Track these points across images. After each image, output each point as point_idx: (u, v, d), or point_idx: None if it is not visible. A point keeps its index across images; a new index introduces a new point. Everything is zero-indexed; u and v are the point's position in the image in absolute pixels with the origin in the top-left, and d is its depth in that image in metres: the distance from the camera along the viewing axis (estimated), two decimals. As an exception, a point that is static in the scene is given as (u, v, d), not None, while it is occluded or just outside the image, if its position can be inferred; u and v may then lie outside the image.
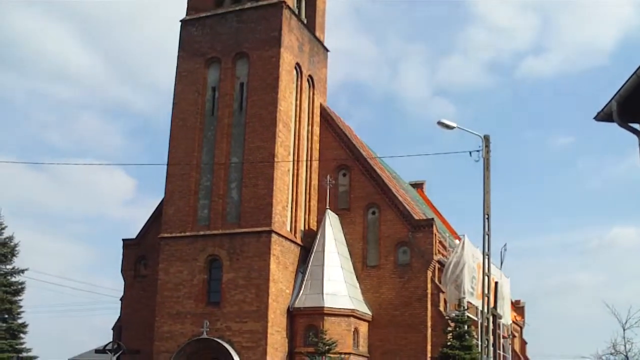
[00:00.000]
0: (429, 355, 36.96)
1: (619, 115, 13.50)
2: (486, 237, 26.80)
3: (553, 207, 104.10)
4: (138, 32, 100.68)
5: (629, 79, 12.88)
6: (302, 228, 39.51)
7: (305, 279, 37.69)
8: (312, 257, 38.24)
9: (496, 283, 31.37)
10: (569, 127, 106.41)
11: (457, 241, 43.69)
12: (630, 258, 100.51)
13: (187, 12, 41.09)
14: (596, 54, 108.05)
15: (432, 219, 40.83)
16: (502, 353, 42.16)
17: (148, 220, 42.42)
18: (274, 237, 36.16)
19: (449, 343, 32.98)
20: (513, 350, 51.64)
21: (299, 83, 40.51)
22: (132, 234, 43.25)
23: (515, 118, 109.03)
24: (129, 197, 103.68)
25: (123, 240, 43.02)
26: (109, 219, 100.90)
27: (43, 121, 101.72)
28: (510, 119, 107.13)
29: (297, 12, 41.33)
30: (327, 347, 32.98)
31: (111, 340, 39.42)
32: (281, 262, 36.63)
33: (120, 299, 42.69)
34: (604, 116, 13.92)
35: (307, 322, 36.77)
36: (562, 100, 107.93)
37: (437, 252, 38.85)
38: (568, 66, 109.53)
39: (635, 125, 13.79)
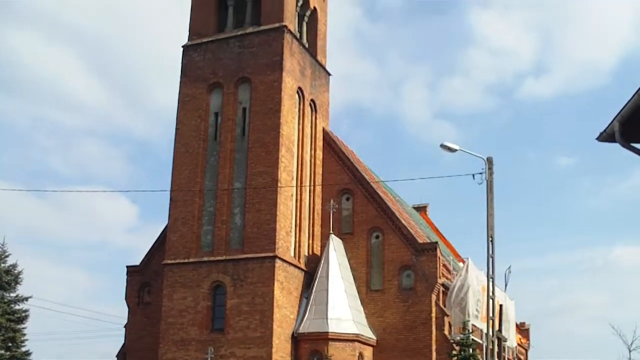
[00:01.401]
0: (434, 379, 36.80)
1: (621, 135, 13.46)
2: (490, 259, 26.70)
3: (556, 227, 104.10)
4: (141, 57, 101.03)
5: (631, 98, 12.83)
6: (306, 253, 39.40)
7: (309, 304, 37.55)
8: (316, 282, 38.12)
9: (501, 306, 31.27)
10: (571, 147, 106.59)
11: (461, 264, 43.56)
12: (634, 277, 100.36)
13: (189, 38, 41.18)
14: (597, 74, 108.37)
15: (436, 242, 40.74)
16: (508, 376, 41.94)
17: (152, 247, 42.32)
18: (278, 262, 36.07)
19: (454, 367, 32.84)
20: (519, 374, 51.35)
21: (301, 107, 40.54)
22: (136, 260, 43.21)
23: (517, 139, 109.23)
24: (133, 224, 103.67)
25: (127, 267, 42.92)
26: (112, 246, 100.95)
27: (46, 147, 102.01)
28: (512, 140, 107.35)
29: (298, 36, 41.42)
30: (332, 372, 32.85)
31: (115, 367, 39.29)
32: (285, 287, 36.51)
33: (125, 326, 42.53)
34: (606, 137, 13.87)
35: (311, 347, 36.59)
36: (564, 120, 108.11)
37: (441, 275, 38.71)
38: (569, 86, 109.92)
39: (638, 145, 13.75)
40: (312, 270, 38.79)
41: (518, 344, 51.80)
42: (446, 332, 37.85)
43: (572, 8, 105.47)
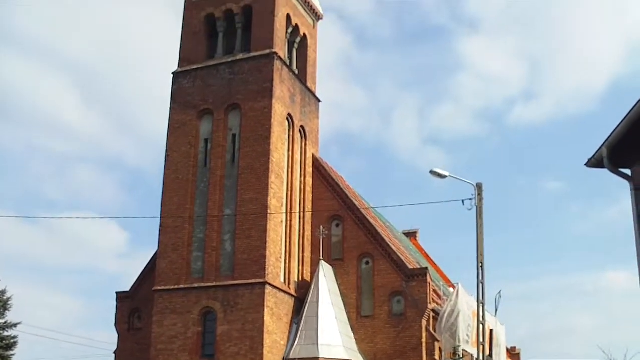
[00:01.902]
0: (425, 405, 36.77)
1: (609, 161, 13.60)
2: (480, 285, 26.81)
3: (546, 252, 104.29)
4: (133, 85, 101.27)
5: (619, 125, 13.00)
6: (296, 279, 39.43)
7: (299, 329, 37.51)
8: (306, 308, 38.09)
9: (491, 331, 31.35)
10: (560, 173, 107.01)
11: (451, 289, 43.63)
12: (625, 301, 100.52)
13: (179, 64, 41.36)
14: (585, 100, 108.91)
15: (426, 268, 40.82)
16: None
17: (142, 273, 42.30)
18: (268, 288, 36.07)
19: (445, 392, 32.85)
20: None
21: (291, 134, 40.68)
22: (126, 286, 43.14)
23: (507, 164, 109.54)
24: (123, 250, 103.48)
25: (117, 293, 42.83)
26: (102, 272, 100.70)
27: (39, 174, 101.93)
28: (501, 165, 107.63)
29: (288, 63, 41.65)
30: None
31: (105, 394, 39.20)
32: (275, 313, 36.51)
33: (114, 352, 42.38)
34: (595, 162, 14.03)
35: (302, 373, 36.56)
36: (553, 145, 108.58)
37: (431, 301, 38.76)
38: (558, 112, 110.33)
39: (626, 171, 13.89)
40: (302, 296, 38.80)
41: (508, 370, 51.74)
42: (437, 358, 37.83)
43: (560, 34, 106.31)
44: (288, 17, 41.94)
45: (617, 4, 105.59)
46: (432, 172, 27.67)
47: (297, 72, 42.56)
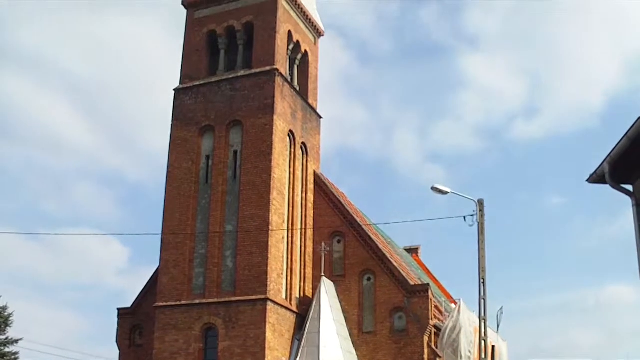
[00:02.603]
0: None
1: (611, 177, 13.64)
2: (482, 301, 26.81)
3: (548, 268, 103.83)
4: (133, 101, 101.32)
5: (620, 141, 13.04)
6: (298, 295, 39.41)
7: (301, 346, 37.46)
8: (308, 324, 38.05)
9: (493, 347, 31.32)
10: (561, 188, 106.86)
11: (453, 305, 43.57)
12: (627, 316, 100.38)
13: (180, 81, 41.46)
14: (585, 116, 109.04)
15: (428, 284, 40.80)
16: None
17: (143, 289, 42.26)
18: (270, 305, 36.05)
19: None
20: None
21: (293, 150, 40.74)
22: (127, 302, 43.15)
23: (508, 180, 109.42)
24: (124, 266, 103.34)
25: (118, 309, 42.77)
26: (103, 288, 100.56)
27: (38, 190, 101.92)
28: (502, 181, 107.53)
29: (289, 79, 41.72)
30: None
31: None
32: (277, 330, 36.47)
33: (115, 369, 42.35)
34: (597, 178, 14.08)
35: (304, 390, 36.49)
36: (554, 161, 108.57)
37: (433, 317, 38.71)
38: (559, 128, 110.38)
39: (628, 187, 13.93)
40: (303, 312, 38.76)
41: (510, 386, 51.62)
42: (438, 374, 37.80)
43: (560, 50, 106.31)
44: (289, 33, 42.06)
45: (615, 20, 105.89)
46: (434, 189, 27.76)
47: (298, 88, 42.65)
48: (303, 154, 41.91)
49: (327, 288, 39.32)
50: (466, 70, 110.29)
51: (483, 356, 27.09)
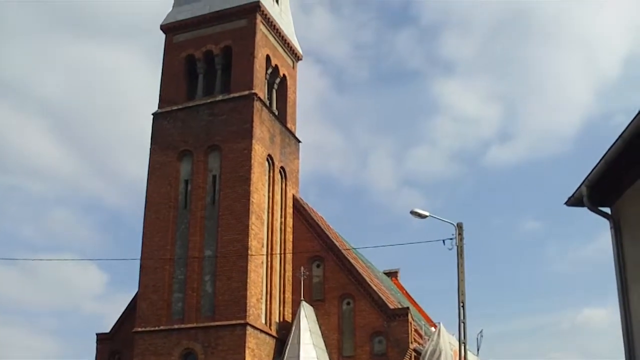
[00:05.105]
0: None
1: (589, 199, 13.73)
2: (462, 324, 26.83)
3: (525, 291, 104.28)
4: (111, 126, 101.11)
5: (597, 164, 13.13)
6: (277, 320, 39.32)
7: (281, 371, 37.38)
8: (287, 349, 37.94)
9: (473, 371, 31.25)
10: (537, 212, 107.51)
11: (433, 329, 43.54)
12: (601, 339, 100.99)
13: (159, 105, 41.43)
14: (559, 141, 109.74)
15: (407, 307, 40.77)
16: None
17: (122, 315, 42.05)
18: (249, 330, 35.94)
19: None
20: None
21: (271, 175, 40.74)
22: (105, 328, 42.87)
23: (484, 205, 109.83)
24: (102, 291, 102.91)
25: (97, 334, 42.52)
26: (81, 313, 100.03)
27: (16, 215, 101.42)
28: (478, 206, 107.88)
29: (268, 103, 41.78)
30: None
31: None
32: (256, 354, 36.33)
33: (94, 396, 42.06)
34: (575, 201, 14.17)
35: (283, 415, 36.36)
36: (529, 186, 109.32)
37: (413, 340, 38.69)
38: (533, 153, 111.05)
39: (606, 209, 14.02)
40: (283, 337, 38.64)
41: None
42: (418, 398, 37.74)
43: (534, 76, 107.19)
44: (268, 57, 42.14)
45: (588, 46, 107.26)
46: (413, 213, 27.88)
47: (277, 112, 42.70)
48: (282, 179, 41.91)
49: (307, 312, 39.25)
50: (441, 96, 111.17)
51: (463, 380, 27.04)
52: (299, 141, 44.49)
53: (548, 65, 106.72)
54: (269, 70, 42.45)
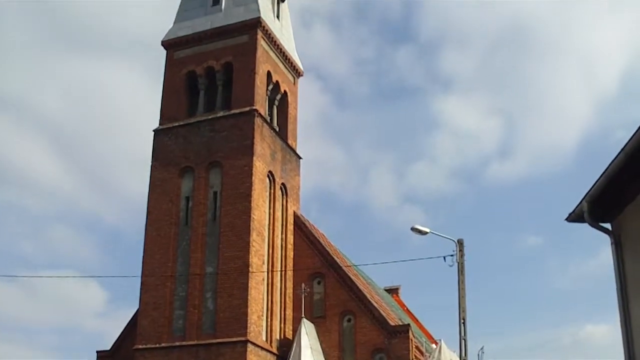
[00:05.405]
0: None
1: (590, 215, 13.68)
2: (463, 341, 26.74)
3: (526, 307, 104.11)
4: (111, 142, 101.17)
5: (598, 179, 13.09)
6: (278, 337, 39.21)
7: (282, 388, 37.26)
8: (288, 366, 37.87)
9: (474, 388, 31.12)
10: (537, 228, 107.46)
11: (434, 346, 43.46)
12: (604, 355, 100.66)
13: (160, 122, 41.42)
14: (559, 156, 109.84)
15: (408, 324, 40.66)
16: None
17: (122, 332, 41.92)
18: (250, 347, 35.81)
19: None
20: None
21: (272, 191, 40.69)
22: (106, 345, 42.74)
23: (484, 221, 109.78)
24: (103, 308, 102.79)
25: (97, 352, 42.38)
26: (82, 331, 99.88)
27: (16, 232, 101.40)
28: (478, 222, 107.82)
29: (269, 119, 41.75)
30: None
31: None
32: (257, 371, 36.26)
33: (94, 413, 41.93)
34: (575, 217, 14.12)
35: None
36: (529, 201, 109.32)
37: (414, 357, 38.57)
38: (533, 168, 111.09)
39: (606, 225, 13.97)
40: (284, 354, 38.51)
41: None
42: (420, 416, 37.62)
43: (532, 91, 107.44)
44: (268, 74, 42.16)
45: (587, 61, 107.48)
46: (413, 229, 27.85)
47: (277, 129, 42.67)
48: (283, 195, 41.87)
49: (308, 329, 39.15)
50: (441, 112, 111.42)
51: (464, 397, 26.94)
52: (300, 157, 44.46)
53: (547, 80, 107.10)
54: (270, 87, 42.45)
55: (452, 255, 27.45)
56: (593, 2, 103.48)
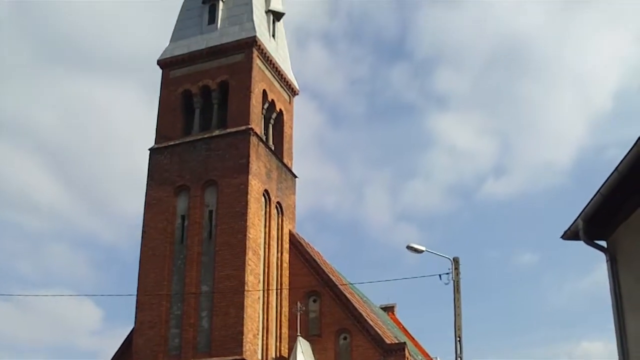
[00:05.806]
0: None
1: (585, 233, 13.76)
2: (459, 359, 26.78)
3: (522, 324, 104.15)
4: (107, 161, 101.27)
5: (593, 197, 13.17)
6: (274, 355, 39.14)
7: (277, 407, 37.21)
8: (284, 384, 37.83)
9: (471, 406, 31.12)
10: (533, 245, 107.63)
11: (430, 364, 43.48)
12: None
13: (155, 141, 41.47)
14: (554, 174, 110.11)
15: (404, 342, 40.65)
16: None
17: (118, 351, 41.75)
18: (246, 365, 35.82)
19: None
20: None
21: (268, 210, 40.72)
22: (102, 365, 42.74)
23: (480, 238, 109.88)
24: (97, 327, 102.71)
25: (92, 372, 42.43)
26: (77, 349, 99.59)
27: (11, 251, 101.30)
28: (474, 240, 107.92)
29: (264, 138, 41.81)
30: None
31: None
32: (253, 390, 36.22)
33: None
34: (571, 235, 14.20)
35: None
36: (525, 219, 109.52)
37: (410, 376, 38.56)
38: (528, 186, 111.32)
39: (602, 243, 14.05)
40: (280, 373, 38.53)
41: None
42: None
43: (527, 110, 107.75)
44: (264, 92, 42.24)
45: (578, 80, 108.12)
46: (409, 247, 27.91)
47: (273, 147, 42.73)
48: (278, 214, 41.89)
49: (303, 348, 39.10)
50: (436, 130, 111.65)
51: (461, 415, 26.96)
52: (296, 176, 44.49)
53: (541, 99, 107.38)
54: (266, 105, 42.53)
55: (447, 274, 27.53)
56: (586, 22, 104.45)
